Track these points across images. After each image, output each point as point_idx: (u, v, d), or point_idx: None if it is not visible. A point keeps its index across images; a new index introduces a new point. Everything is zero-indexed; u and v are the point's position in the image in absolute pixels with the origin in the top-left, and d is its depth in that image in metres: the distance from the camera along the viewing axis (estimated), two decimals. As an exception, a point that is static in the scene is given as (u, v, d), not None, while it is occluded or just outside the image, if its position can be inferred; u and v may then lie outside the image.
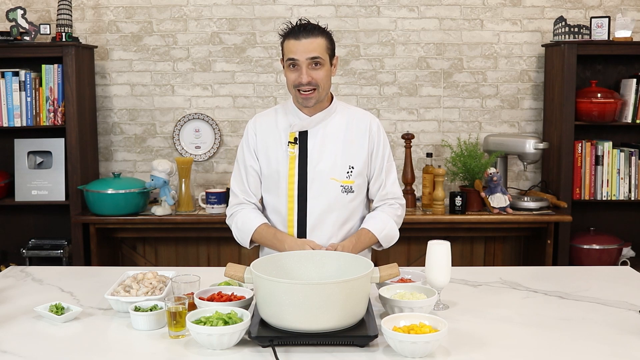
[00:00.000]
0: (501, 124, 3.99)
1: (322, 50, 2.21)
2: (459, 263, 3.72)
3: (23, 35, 3.61)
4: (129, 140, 4.00)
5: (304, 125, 2.29)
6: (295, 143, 2.29)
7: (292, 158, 2.29)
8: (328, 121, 2.31)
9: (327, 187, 2.27)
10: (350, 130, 2.31)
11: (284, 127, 2.32)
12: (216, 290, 1.97)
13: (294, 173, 2.28)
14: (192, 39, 3.93)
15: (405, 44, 3.93)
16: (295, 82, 2.22)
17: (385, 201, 2.37)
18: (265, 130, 2.34)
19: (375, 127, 2.34)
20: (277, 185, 2.30)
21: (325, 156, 2.28)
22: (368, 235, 2.30)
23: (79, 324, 1.91)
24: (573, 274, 2.48)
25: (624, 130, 3.89)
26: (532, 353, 1.70)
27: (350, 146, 2.30)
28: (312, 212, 2.27)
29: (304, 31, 2.20)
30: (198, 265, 3.81)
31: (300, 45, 2.19)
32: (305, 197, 2.27)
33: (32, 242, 3.77)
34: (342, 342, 1.72)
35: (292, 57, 2.20)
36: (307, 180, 2.27)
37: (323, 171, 2.27)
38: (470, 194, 3.61)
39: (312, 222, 2.27)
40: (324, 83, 2.23)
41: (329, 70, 2.25)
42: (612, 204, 3.89)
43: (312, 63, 2.19)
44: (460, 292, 2.18)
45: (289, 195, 2.28)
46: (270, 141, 2.33)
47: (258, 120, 2.38)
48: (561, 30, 3.67)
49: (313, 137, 2.29)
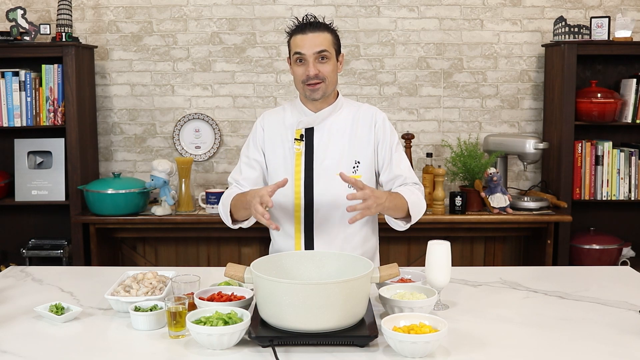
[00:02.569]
0: (501, 124, 3.99)
1: (328, 45, 2.23)
2: (459, 263, 3.72)
3: (23, 35, 3.61)
4: (129, 140, 4.00)
5: (309, 121, 2.29)
6: (301, 140, 2.29)
7: (298, 155, 2.29)
8: (334, 117, 2.31)
9: (333, 183, 2.26)
10: (355, 125, 2.32)
11: (290, 124, 2.33)
12: (216, 290, 1.97)
13: (300, 170, 2.28)
14: (192, 39, 3.93)
15: (405, 44, 3.93)
16: (302, 76, 2.22)
17: (406, 183, 2.29)
18: (273, 127, 2.35)
19: (380, 120, 2.34)
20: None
21: (330, 152, 2.28)
22: (398, 196, 2.18)
23: (79, 324, 1.91)
24: (573, 274, 2.47)
25: (624, 130, 3.89)
26: (532, 353, 1.70)
27: (356, 141, 2.30)
28: (318, 209, 2.27)
29: (310, 26, 2.23)
30: (198, 265, 3.80)
31: (307, 39, 2.21)
32: (312, 193, 2.27)
33: (32, 242, 3.77)
34: (342, 342, 1.71)
35: (299, 51, 2.21)
36: (313, 177, 2.27)
37: (329, 167, 2.27)
38: (470, 194, 3.61)
39: (319, 218, 2.27)
40: (331, 77, 2.24)
41: (335, 65, 2.26)
42: (612, 204, 3.89)
43: (319, 57, 2.21)
44: (460, 292, 2.18)
45: (296, 192, 2.28)
46: (277, 138, 2.33)
47: (266, 117, 2.39)
48: (561, 30, 3.67)
49: (319, 134, 2.30)
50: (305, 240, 2.29)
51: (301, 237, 2.30)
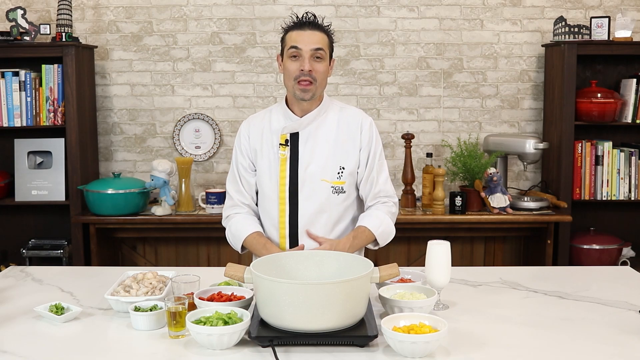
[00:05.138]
0: (501, 124, 3.99)
1: (325, 45, 2.23)
2: (459, 263, 3.72)
3: (23, 35, 3.61)
4: (129, 140, 4.00)
5: (294, 127, 2.28)
6: (286, 145, 2.28)
7: (283, 160, 2.28)
8: (319, 122, 2.30)
9: (317, 188, 2.26)
10: (341, 130, 2.30)
11: (275, 129, 2.31)
12: (216, 290, 1.97)
13: (285, 175, 2.27)
14: (192, 39, 3.93)
15: (405, 44, 3.93)
16: (296, 71, 2.20)
17: (378, 199, 2.34)
18: (258, 133, 2.34)
19: (366, 126, 2.32)
20: (269, 188, 2.30)
21: (315, 158, 2.27)
22: (365, 232, 2.28)
23: (79, 324, 1.91)
24: (573, 274, 2.47)
25: (624, 130, 3.89)
26: (532, 353, 1.70)
27: (341, 146, 2.29)
28: (303, 214, 2.27)
29: (308, 24, 2.22)
30: (198, 265, 3.81)
31: (304, 35, 2.20)
32: (297, 199, 2.27)
33: (32, 242, 3.77)
34: (342, 342, 1.72)
35: (295, 45, 2.20)
36: (298, 183, 2.27)
37: (314, 173, 2.27)
38: (470, 194, 3.61)
39: (304, 223, 2.27)
40: (322, 78, 2.23)
41: (327, 67, 2.25)
42: (612, 204, 3.89)
43: (315, 54, 2.20)
44: (460, 292, 2.18)
45: (280, 198, 2.28)
46: (262, 143, 2.32)
47: (251, 122, 2.39)
48: (561, 30, 3.67)
49: (304, 139, 2.28)
50: (290, 245, 2.29)
51: (286, 242, 2.30)
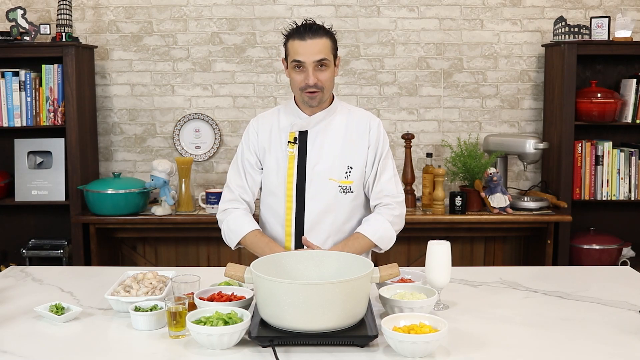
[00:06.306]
0: (501, 124, 3.99)
1: (327, 52, 2.21)
2: (459, 263, 3.72)
3: (23, 35, 3.61)
4: (129, 140, 4.00)
5: (303, 125, 2.29)
6: (294, 143, 2.29)
7: (291, 158, 2.29)
8: (328, 121, 2.31)
9: (325, 187, 2.27)
10: (350, 130, 2.31)
11: (284, 127, 2.32)
12: (216, 290, 1.97)
13: (293, 173, 2.28)
14: (192, 39, 3.93)
15: (405, 44, 3.93)
16: (301, 83, 2.21)
17: (381, 200, 2.33)
18: (267, 130, 2.35)
19: (375, 126, 2.32)
20: (276, 185, 2.31)
21: (324, 156, 2.28)
22: (359, 239, 2.27)
23: (79, 324, 1.91)
24: (573, 274, 2.47)
25: (624, 130, 3.89)
26: (532, 353, 1.70)
27: (349, 146, 2.29)
28: (309, 213, 2.27)
29: (309, 31, 2.19)
30: (198, 265, 3.80)
31: (306, 46, 2.18)
32: (304, 197, 2.27)
33: (32, 242, 3.77)
34: (342, 342, 1.71)
35: (298, 58, 2.19)
36: (305, 181, 2.27)
37: (321, 172, 2.27)
38: (470, 194, 3.61)
39: (310, 222, 2.28)
40: (328, 85, 2.24)
41: (333, 71, 2.25)
42: (612, 204, 3.89)
43: (318, 65, 2.20)
44: (460, 292, 2.18)
45: (288, 195, 2.28)
46: (271, 141, 2.33)
47: (260, 119, 2.39)
48: (561, 30, 3.67)
49: (312, 137, 2.29)
50: (296, 243, 2.29)
51: (292, 240, 2.30)
